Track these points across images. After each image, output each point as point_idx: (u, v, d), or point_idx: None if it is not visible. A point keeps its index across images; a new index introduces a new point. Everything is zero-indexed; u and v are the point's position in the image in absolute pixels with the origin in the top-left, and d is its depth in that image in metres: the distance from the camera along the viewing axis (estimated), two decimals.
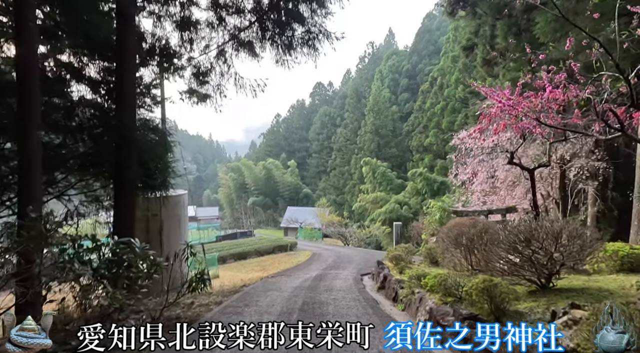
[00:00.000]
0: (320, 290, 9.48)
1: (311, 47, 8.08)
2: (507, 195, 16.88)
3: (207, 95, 10.80)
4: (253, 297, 8.08)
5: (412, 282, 7.86)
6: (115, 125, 7.16)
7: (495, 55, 16.73)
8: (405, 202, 36.76)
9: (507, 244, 6.07)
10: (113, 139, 7.29)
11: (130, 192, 7.20)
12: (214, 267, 20.21)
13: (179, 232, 11.64)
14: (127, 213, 7.26)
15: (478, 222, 7.78)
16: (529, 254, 5.79)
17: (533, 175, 9.08)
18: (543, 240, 5.60)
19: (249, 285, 10.37)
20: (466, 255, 7.84)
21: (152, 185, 8.39)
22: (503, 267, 6.25)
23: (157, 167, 8.06)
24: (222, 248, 28.80)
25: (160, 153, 8.14)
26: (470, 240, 7.61)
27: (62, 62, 8.06)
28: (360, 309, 7.04)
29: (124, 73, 7.40)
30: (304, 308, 6.93)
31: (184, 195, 11.99)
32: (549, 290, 5.79)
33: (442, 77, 42.77)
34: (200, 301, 7.55)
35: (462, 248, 7.84)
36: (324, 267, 16.94)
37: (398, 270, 10.43)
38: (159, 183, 8.24)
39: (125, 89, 7.40)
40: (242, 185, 72.68)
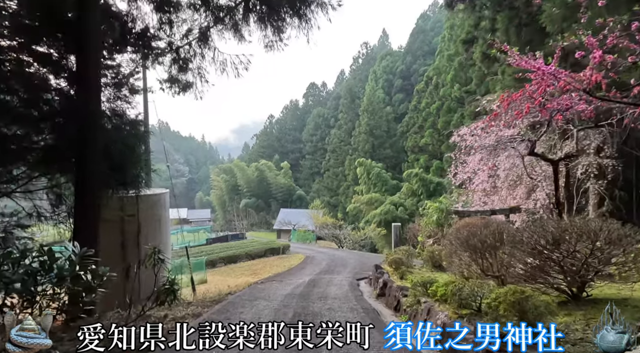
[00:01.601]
0: (314, 298, 8.55)
1: (303, 18, 7.12)
2: (508, 195, 16.15)
3: (189, 83, 9.86)
4: (237, 308, 7.12)
5: (416, 289, 6.97)
6: (77, 112, 6.18)
7: (495, 44, 15.96)
8: (401, 203, 35.98)
9: (530, 246, 5.21)
10: (74, 127, 6.31)
11: (92, 189, 6.21)
12: (202, 271, 19.21)
13: (158, 234, 10.63)
14: (89, 214, 6.27)
15: (491, 222, 6.94)
16: (558, 258, 4.94)
17: (557, 168, 8.27)
18: (576, 242, 4.75)
19: (235, 293, 9.40)
20: (477, 259, 6.97)
21: (123, 182, 7.40)
22: (525, 272, 5.39)
23: (127, 160, 7.09)
24: (212, 251, 27.74)
25: (131, 144, 7.16)
26: (482, 242, 6.74)
27: (18, 41, 7.06)
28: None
29: (87, 53, 6.42)
30: (294, 322, 5.98)
31: (164, 194, 10.98)
32: (583, 300, 4.93)
33: (438, 76, 42.11)
34: (176, 313, 6.58)
35: (472, 252, 6.96)
36: (318, 272, 16.00)
37: (399, 275, 9.55)
38: (130, 179, 7.26)
39: (89, 71, 6.42)
40: (234, 187, 71.50)
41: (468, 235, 6.97)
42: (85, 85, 6.51)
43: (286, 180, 70.43)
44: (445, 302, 5.97)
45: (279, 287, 10.87)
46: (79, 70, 6.64)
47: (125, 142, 7.39)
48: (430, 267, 10.62)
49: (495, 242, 6.75)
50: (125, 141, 7.46)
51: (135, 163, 7.25)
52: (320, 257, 23.61)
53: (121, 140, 7.48)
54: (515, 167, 13.77)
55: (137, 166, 7.29)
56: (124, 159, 7.10)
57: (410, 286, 7.85)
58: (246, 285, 11.50)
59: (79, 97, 6.45)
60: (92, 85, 6.54)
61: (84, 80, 6.54)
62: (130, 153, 7.20)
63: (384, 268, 10.68)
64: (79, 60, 6.51)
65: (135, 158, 7.32)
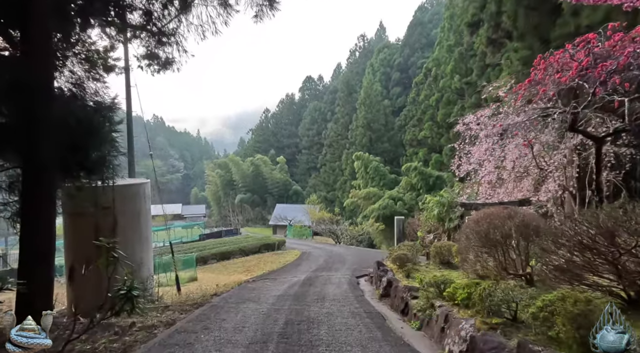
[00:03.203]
0: (310, 299, 7.58)
1: None
2: (514, 187, 15.31)
3: (170, 60, 8.79)
4: (220, 314, 6.11)
5: (428, 290, 6.02)
6: (20, 83, 5.11)
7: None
8: (400, 198, 35.05)
9: (575, 240, 4.24)
10: (19, 102, 5.24)
11: (41, 177, 5.14)
12: (192, 268, 18.22)
13: (138, 229, 9.58)
14: (41, 205, 5.21)
15: (517, 213, 5.98)
16: (613, 255, 3.97)
17: (601, 147, 7.34)
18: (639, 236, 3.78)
19: (221, 294, 8.41)
20: (497, 255, 6.01)
21: (84, 166, 6.35)
22: (563, 271, 4.43)
23: (89, 142, 6.03)
24: (204, 247, 26.71)
25: (95, 123, 6.10)
26: (505, 236, 5.78)
27: None
28: (363, 331, 5.15)
29: (32, 10, 5.33)
30: (286, 331, 5.00)
31: (145, 185, 9.92)
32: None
33: (437, 67, 41.03)
34: (147, 320, 5.58)
35: (492, 247, 6.00)
36: (314, 269, 15.02)
37: (404, 274, 8.59)
38: (92, 163, 6.20)
39: (34, 32, 5.33)
40: (229, 182, 70.36)
41: (488, 228, 6.00)
42: (32, 50, 5.42)
43: (282, 175, 69.38)
44: (467, 307, 5.01)
45: (272, 287, 9.89)
46: (23, 31, 5.57)
47: (89, 121, 6.31)
48: (438, 264, 9.66)
49: (520, 236, 5.80)
50: (88, 120, 6.38)
51: (100, 145, 6.19)
52: (316, 253, 22.65)
53: (86, 120, 6.41)
54: (522, 158, 12.93)
55: (102, 148, 6.23)
56: (86, 140, 6.04)
57: (419, 286, 6.91)
58: (236, 284, 10.51)
59: (23, 65, 5.37)
60: (40, 50, 5.44)
61: (30, 44, 5.45)
62: (94, 133, 6.14)
63: (386, 266, 9.72)
64: (23, 17, 5.42)
65: (101, 139, 6.26)
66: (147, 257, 9.62)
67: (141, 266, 9.52)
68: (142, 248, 9.62)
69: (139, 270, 9.50)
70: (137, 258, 9.45)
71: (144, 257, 9.56)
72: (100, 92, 7.52)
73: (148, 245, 9.88)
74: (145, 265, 9.67)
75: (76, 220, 8.88)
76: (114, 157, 6.54)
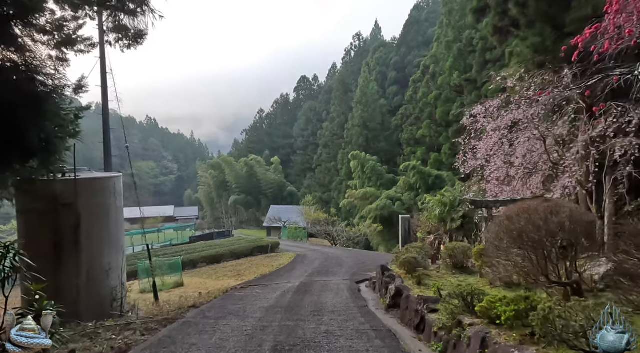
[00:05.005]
0: (305, 312, 6.37)
1: None
2: (523, 185, 14.27)
3: (142, 32, 7.59)
4: (190, 336, 4.86)
5: (452, 303, 4.82)
6: None
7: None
8: (398, 198, 33.93)
9: None
10: None
11: None
12: (177, 273, 16.88)
13: (105, 230, 8.32)
14: None
15: (562, 207, 4.79)
16: None
17: None
18: None
19: (200, 306, 7.15)
20: (537, 260, 4.84)
21: (30, 152, 5.11)
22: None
23: (30, 125, 4.79)
24: (194, 250, 25.38)
25: (36, 105, 4.86)
26: (550, 236, 4.61)
27: None
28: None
29: None
30: None
31: (115, 179, 8.65)
32: None
33: (435, 64, 39.99)
34: (93, 347, 4.31)
35: (531, 250, 4.82)
36: (310, 273, 13.79)
37: (415, 281, 7.40)
38: (35, 148, 4.96)
39: None
40: (223, 183, 68.86)
41: (525, 226, 4.82)
42: None
43: (276, 176, 68.00)
44: (511, 328, 3.83)
45: (261, 295, 8.65)
46: None
47: (33, 98, 5.07)
48: (450, 268, 8.51)
49: (569, 236, 4.64)
50: (34, 97, 5.14)
51: (43, 128, 4.94)
52: (312, 255, 21.42)
53: (31, 97, 5.17)
54: (532, 153, 11.91)
55: (45, 131, 4.98)
56: (25, 118, 4.80)
57: (436, 295, 5.72)
58: (221, 293, 9.26)
59: None
60: None
61: None
62: (36, 115, 4.90)
63: (392, 271, 8.52)
64: None
65: (46, 118, 5.02)
66: (116, 261, 8.35)
67: (109, 272, 8.22)
68: (110, 252, 8.34)
69: (106, 278, 8.24)
70: (104, 264, 8.17)
71: (113, 262, 8.27)
72: (60, 71, 6.30)
73: (118, 248, 8.60)
74: (114, 271, 8.37)
75: (29, 219, 7.61)
76: (61, 138, 5.27)
